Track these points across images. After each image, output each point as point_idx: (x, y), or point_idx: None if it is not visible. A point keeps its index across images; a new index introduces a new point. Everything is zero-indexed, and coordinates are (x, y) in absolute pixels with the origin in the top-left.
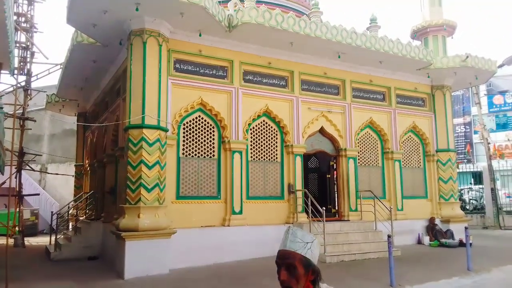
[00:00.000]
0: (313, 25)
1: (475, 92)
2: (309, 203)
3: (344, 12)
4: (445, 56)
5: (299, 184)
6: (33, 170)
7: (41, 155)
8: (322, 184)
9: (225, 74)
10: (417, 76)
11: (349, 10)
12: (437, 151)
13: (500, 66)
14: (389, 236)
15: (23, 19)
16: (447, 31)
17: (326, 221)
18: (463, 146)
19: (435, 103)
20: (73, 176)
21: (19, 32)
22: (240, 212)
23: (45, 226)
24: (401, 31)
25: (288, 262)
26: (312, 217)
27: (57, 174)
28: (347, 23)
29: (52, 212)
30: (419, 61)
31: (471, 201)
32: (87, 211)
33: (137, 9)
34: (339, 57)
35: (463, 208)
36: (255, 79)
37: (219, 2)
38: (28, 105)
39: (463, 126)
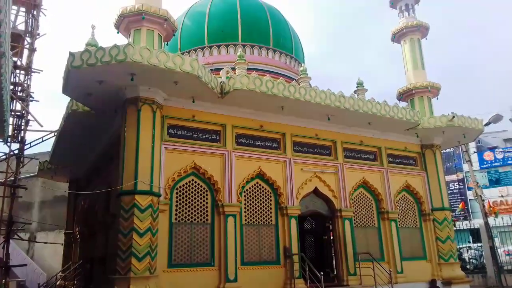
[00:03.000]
0: (302, 90)
1: (465, 149)
2: (306, 268)
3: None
4: (431, 116)
5: (295, 247)
6: (22, 239)
7: (31, 224)
8: (318, 246)
9: (218, 138)
10: (407, 136)
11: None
12: (432, 210)
13: (487, 124)
14: None
15: (20, 88)
16: (432, 93)
17: (325, 286)
18: (458, 202)
19: (426, 162)
20: (62, 244)
21: (14, 101)
22: (235, 280)
23: None
24: (388, 90)
25: None
26: (310, 283)
27: (46, 242)
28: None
29: (39, 284)
30: (406, 121)
31: (471, 260)
32: (76, 282)
33: (132, 79)
34: (328, 119)
35: (463, 268)
36: (248, 142)
37: (211, 70)
38: (20, 173)
39: (457, 183)
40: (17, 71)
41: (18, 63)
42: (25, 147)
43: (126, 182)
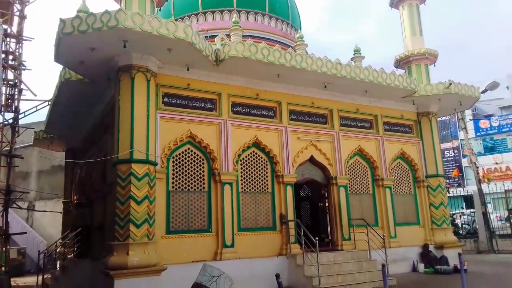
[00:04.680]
0: (299, 57)
1: (461, 117)
2: (302, 234)
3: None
4: (428, 84)
5: (291, 214)
6: (20, 208)
7: (29, 192)
8: (314, 213)
9: (213, 107)
10: (403, 103)
11: (334, 42)
12: (426, 177)
13: (483, 92)
14: (383, 266)
15: (11, 56)
16: (429, 60)
17: (320, 251)
18: (453, 170)
19: (422, 130)
20: (61, 213)
21: (7, 69)
22: (232, 245)
23: (32, 266)
24: (385, 58)
25: None
26: (305, 248)
27: (44, 211)
28: (332, 54)
29: (39, 251)
30: (403, 89)
31: (463, 225)
32: (75, 248)
33: (125, 46)
34: (325, 87)
35: (456, 233)
36: (244, 110)
37: (206, 37)
38: (15, 142)
39: (452, 150)
40: (8, 39)
41: (9, 30)
42: (20, 116)
43: (122, 151)
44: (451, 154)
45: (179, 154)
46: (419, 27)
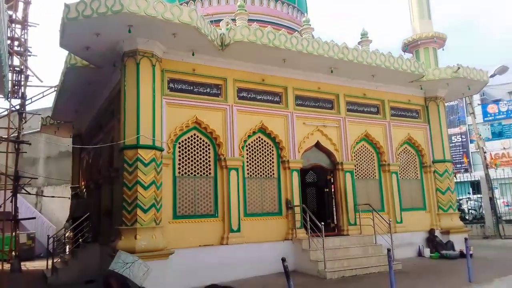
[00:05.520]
0: (305, 42)
1: (469, 102)
2: (308, 219)
3: (336, 28)
4: (436, 68)
5: (296, 200)
6: (29, 193)
7: (37, 178)
8: (320, 199)
9: (219, 92)
10: (410, 88)
11: (341, 25)
12: (433, 162)
13: (492, 76)
14: (388, 250)
15: (17, 43)
16: (437, 43)
17: (325, 236)
18: (460, 155)
19: (429, 115)
20: (69, 198)
21: (13, 56)
22: (238, 230)
23: (42, 250)
24: (393, 43)
25: (106, 281)
26: (311, 233)
27: (53, 197)
28: (339, 38)
29: (48, 235)
30: (411, 73)
31: (470, 211)
32: (84, 233)
33: (129, 31)
34: (331, 72)
35: (462, 218)
36: (249, 96)
37: (211, 21)
38: (23, 128)
39: (459, 135)
40: (13, 25)
41: (14, 16)
42: (26, 102)
43: (129, 136)
44: (459, 139)
45: (185, 139)
46: (428, 10)
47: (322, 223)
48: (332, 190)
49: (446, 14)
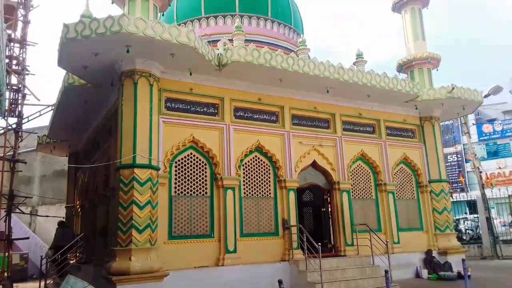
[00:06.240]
0: (301, 62)
1: (464, 121)
2: (305, 239)
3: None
4: (431, 88)
5: (293, 219)
6: (23, 213)
7: (31, 197)
8: (317, 218)
9: (216, 111)
10: (405, 108)
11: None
12: (429, 182)
13: (486, 96)
14: (386, 272)
15: (15, 61)
16: (432, 64)
17: (322, 257)
18: (456, 175)
19: (424, 134)
20: (63, 218)
21: (10, 74)
22: (234, 251)
23: (35, 271)
24: (387, 64)
25: None
26: (308, 254)
27: (47, 216)
28: (335, 58)
29: (42, 256)
30: (406, 93)
31: (467, 231)
32: (78, 254)
33: (128, 51)
34: (327, 91)
35: (459, 238)
36: (246, 115)
37: (209, 42)
38: (19, 147)
39: (455, 155)
40: (12, 44)
41: (13, 35)
42: (23, 121)
43: (125, 155)
44: (454, 158)
45: (182, 158)
46: (422, 31)
47: (319, 243)
48: (329, 210)
49: (439, 35)
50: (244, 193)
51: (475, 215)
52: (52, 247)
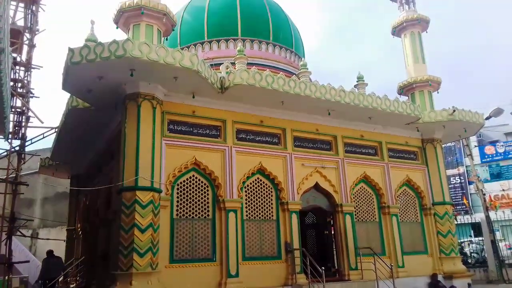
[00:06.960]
0: (303, 85)
1: (466, 143)
2: (308, 263)
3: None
4: (432, 111)
5: (296, 242)
6: (24, 236)
7: (33, 220)
8: (320, 241)
9: (218, 133)
10: (407, 130)
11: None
12: (433, 204)
13: (488, 118)
14: None
15: (20, 84)
16: (432, 87)
17: (326, 281)
18: (460, 197)
19: (426, 156)
20: (64, 241)
21: (15, 97)
22: (237, 275)
23: None
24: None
25: None
26: (311, 278)
27: (48, 239)
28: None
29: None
30: (407, 116)
31: (472, 254)
32: (78, 278)
33: (131, 75)
34: (329, 114)
35: (465, 262)
36: (248, 137)
37: (211, 65)
38: (21, 169)
39: (458, 177)
40: (17, 67)
41: (18, 59)
42: (26, 143)
43: (127, 178)
44: (457, 180)
45: (184, 181)
46: (422, 54)
47: (323, 267)
48: (332, 233)
49: (440, 58)
50: (246, 215)
51: (480, 238)
52: (38, 279)
